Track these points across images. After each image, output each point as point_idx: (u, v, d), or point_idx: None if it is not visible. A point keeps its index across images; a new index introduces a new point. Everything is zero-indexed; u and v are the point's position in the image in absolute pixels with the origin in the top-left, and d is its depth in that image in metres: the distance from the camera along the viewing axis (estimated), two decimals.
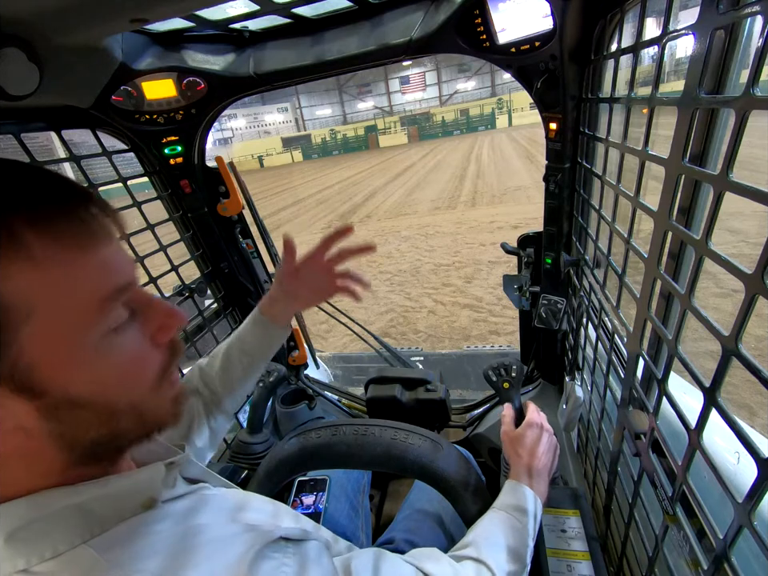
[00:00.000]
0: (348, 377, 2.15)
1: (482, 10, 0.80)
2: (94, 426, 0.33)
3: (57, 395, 0.31)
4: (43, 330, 0.29)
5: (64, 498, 0.33)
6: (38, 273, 0.29)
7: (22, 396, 0.29)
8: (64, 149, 0.91)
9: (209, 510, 0.39)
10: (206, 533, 0.36)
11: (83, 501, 0.33)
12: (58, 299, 0.30)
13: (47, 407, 0.31)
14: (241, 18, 0.88)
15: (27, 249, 0.29)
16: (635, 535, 0.75)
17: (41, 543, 0.31)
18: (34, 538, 0.31)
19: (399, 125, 34.90)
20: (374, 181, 13.70)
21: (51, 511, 0.32)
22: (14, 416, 0.30)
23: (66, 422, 0.32)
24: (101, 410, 0.33)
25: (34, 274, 0.29)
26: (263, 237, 1.33)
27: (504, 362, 0.93)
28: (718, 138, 0.50)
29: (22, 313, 0.28)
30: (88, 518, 0.33)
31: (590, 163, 0.88)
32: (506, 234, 5.86)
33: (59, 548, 0.31)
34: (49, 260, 0.30)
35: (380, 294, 4.66)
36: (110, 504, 0.35)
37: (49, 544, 0.31)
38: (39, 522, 0.31)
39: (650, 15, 0.58)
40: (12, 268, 0.28)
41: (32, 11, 0.56)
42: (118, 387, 0.34)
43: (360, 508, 1.07)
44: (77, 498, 0.33)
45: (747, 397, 2.32)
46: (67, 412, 0.31)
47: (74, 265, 0.31)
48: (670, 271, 0.60)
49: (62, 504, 0.33)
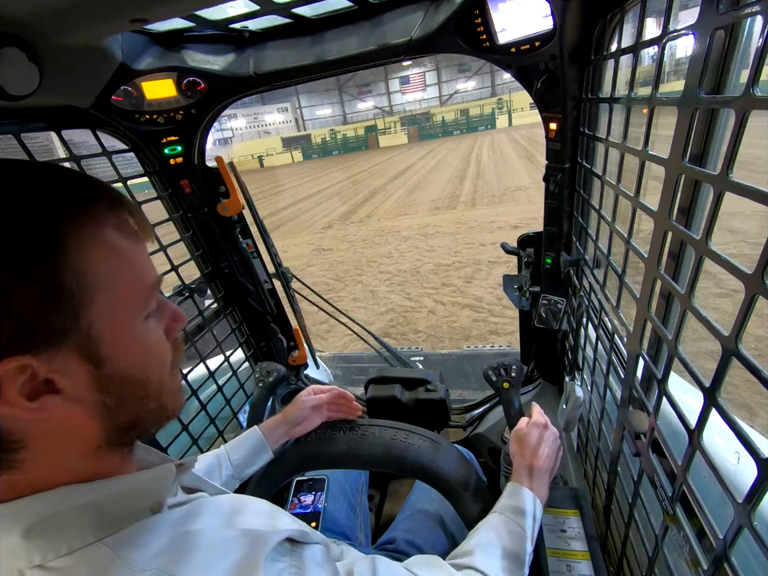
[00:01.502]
0: (348, 377, 2.15)
1: (481, 10, 0.80)
2: (132, 402, 0.37)
3: (113, 367, 0.34)
4: (110, 306, 0.34)
5: (80, 495, 0.34)
6: (113, 257, 0.34)
7: (87, 365, 0.33)
8: (64, 149, 0.90)
9: (205, 516, 0.40)
10: (202, 538, 0.36)
11: (97, 498, 0.35)
12: (123, 281, 0.35)
13: (103, 378, 0.34)
14: (241, 17, 0.88)
15: (108, 236, 0.34)
16: (635, 535, 0.75)
17: (57, 539, 0.32)
18: (50, 533, 0.32)
19: (399, 125, 34.88)
20: (373, 181, 13.70)
21: (67, 507, 0.33)
22: (77, 383, 0.33)
23: (113, 395, 0.35)
24: (139, 387, 0.37)
25: (110, 258, 0.34)
26: (263, 237, 1.33)
27: (504, 362, 0.93)
28: (718, 137, 0.50)
29: (97, 288, 0.32)
30: (102, 517, 0.34)
31: (590, 163, 0.88)
32: (506, 234, 5.86)
33: (74, 544, 0.32)
34: (121, 249, 0.35)
35: (380, 294, 4.66)
36: (121, 503, 0.36)
37: (64, 540, 0.32)
38: (56, 519, 0.32)
39: (650, 15, 0.58)
40: (97, 250, 0.33)
41: (32, 11, 0.56)
42: (153, 367, 0.38)
43: (358, 507, 1.08)
44: (92, 495, 0.35)
45: (747, 397, 2.32)
46: (116, 386, 0.35)
47: (135, 255, 0.36)
48: (670, 271, 0.60)
49: (79, 501, 0.34)
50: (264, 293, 1.37)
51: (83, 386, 0.33)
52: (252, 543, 0.37)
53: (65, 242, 0.31)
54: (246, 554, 0.35)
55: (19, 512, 0.32)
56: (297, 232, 8.22)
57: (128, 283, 0.35)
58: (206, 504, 0.42)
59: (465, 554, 0.63)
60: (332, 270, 5.69)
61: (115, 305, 0.34)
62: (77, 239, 0.32)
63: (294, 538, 0.40)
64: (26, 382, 0.30)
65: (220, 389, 1.22)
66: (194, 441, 1.11)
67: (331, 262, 6.03)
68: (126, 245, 0.35)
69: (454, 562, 0.61)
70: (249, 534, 0.38)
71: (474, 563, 0.60)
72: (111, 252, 0.34)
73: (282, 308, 1.46)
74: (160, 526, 0.36)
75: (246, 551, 0.36)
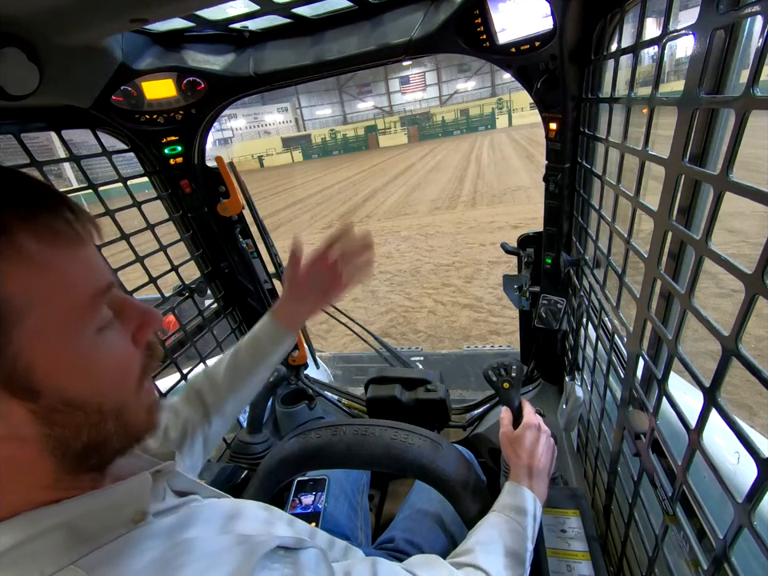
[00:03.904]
0: (348, 377, 2.15)
1: (482, 10, 0.80)
2: (85, 428, 0.33)
3: (53, 396, 0.31)
4: (40, 329, 0.29)
5: (50, 517, 0.32)
6: (33, 272, 0.29)
7: (20, 399, 0.29)
8: (64, 149, 0.90)
9: (199, 523, 0.39)
10: (196, 547, 0.35)
11: (69, 518, 0.33)
12: (52, 297, 0.30)
13: (43, 410, 0.30)
14: (241, 17, 0.88)
15: (21, 248, 0.29)
16: (635, 535, 0.75)
17: (28, 566, 0.30)
18: (21, 561, 0.30)
19: (399, 125, 34.89)
20: (373, 181, 13.70)
21: (37, 532, 0.31)
22: (11, 422, 0.29)
23: (59, 424, 0.31)
24: (92, 412, 0.33)
25: (29, 273, 0.29)
26: (263, 237, 1.33)
27: (504, 362, 0.93)
28: (718, 138, 0.50)
29: (19, 312, 0.28)
30: (75, 537, 0.32)
31: (590, 163, 0.88)
32: (506, 234, 5.86)
33: (46, 570, 0.30)
34: (43, 259, 0.30)
35: (380, 294, 4.66)
36: (98, 519, 0.34)
37: (36, 567, 0.30)
38: (26, 545, 0.30)
39: (650, 15, 0.58)
40: (8, 268, 0.28)
41: (32, 11, 0.56)
42: (108, 387, 0.34)
43: (359, 507, 1.08)
44: (62, 515, 0.32)
45: (747, 397, 2.32)
46: (61, 414, 0.31)
47: (65, 264, 0.31)
48: (670, 271, 0.60)
49: (49, 524, 0.32)
50: (264, 293, 1.37)
51: (20, 422, 0.30)
52: (245, 552, 0.35)
53: None
54: (239, 562, 0.34)
55: None
56: (296, 232, 8.21)
57: (59, 298, 0.30)
58: (198, 510, 0.41)
59: (465, 552, 0.62)
60: None
61: (46, 326, 0.29)
62: None
63: (287, 546, 0.39)
64: None
65: None
66: None
67: None
68: (50, 254, 0.30)
69: (454, 561, 0.61)
70: (243, 543, 0.37)
71: (474, 561, 0.60)
72: (28, 266, 0.29)
73: None
74: (148, 538, 0.35)
75: (239, 560, 0.34)
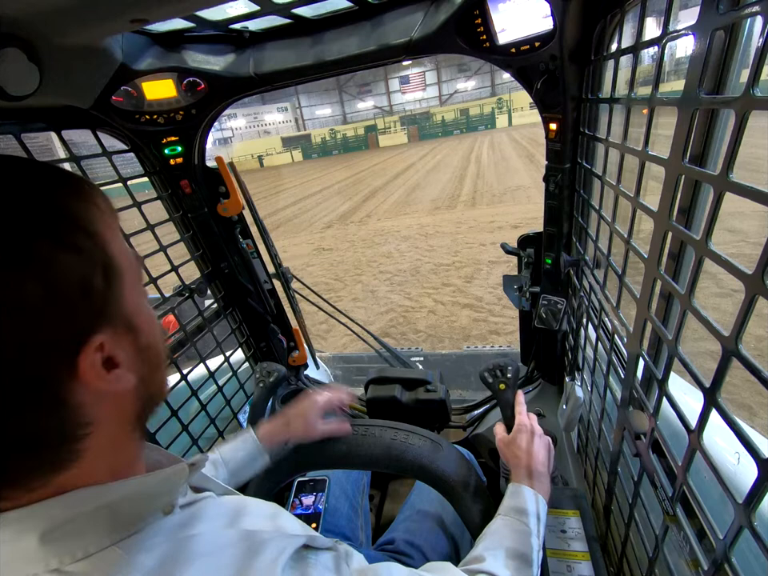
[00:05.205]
0: (348, 377, 2.15)
1: (481, 11, 0.80)
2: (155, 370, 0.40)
3: (144, 335, 0.38)
4: (129, 283, 0.37)
5: (96, 498, 0.34)
6: (118, 239, 0.37)
7: (131, 336, 0.36)
8: (64, 149, 0.90)
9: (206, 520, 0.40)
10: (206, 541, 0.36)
11: (113, 500, 0.35)
12: (128, 259, 0.38)
13: (141, 345, 0.37)
14: (241, 18, 0.88)
15: (111, 220, 0.37)
16: (635, 536, 0.75)
17: (73, 543, 0.32)
18: (67, 537, 0.32)
19: (399, 124, 34.86)
20: (373, 180, 13.70)
21: (83, 511, 0.33)
22: (129, 353, 0.36)
23: (146, 362, 0.38)
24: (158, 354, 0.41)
25: (118, 240, 0.37)
26: (263, 237, 1.33)
27: (500, 363, 0.92)
28: (718, 138, 0.50)
29: (121, 270, 0.36)
30: (117, 519, 0.34)
31: (590, 163, 0.88)
32: (506, 234, 5.87)
33: (89, 548, 0.32)
34: (118, 230, 0.38)
35: (380, 294, 4.66)
36: (136, 506, 0.36)
37: (81, 544, 0.32)
38: (72, 523, 0.33)
39: (650, 15, 0.58)
40: (110, 235, 0.36)
41: (32, 11, 0.56)
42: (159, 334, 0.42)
43: (359, 508, 1.08)
44: (107, 497, 0.35)
45: (747, 397, 2.32)
46: (146, 352, 0.38)
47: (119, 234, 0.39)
48: (670, 271, 0.60)
49: (94, 504, 0.34)
50: (264, 293, 1.37)
51: (132, 356, 0.36)
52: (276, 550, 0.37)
53: (97, 230, 0.34)
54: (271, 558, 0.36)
55: (37, 516, 0.32)
56: (297, 232, 8.22)
57: (130, 259, 0.39)
58: (210, 505, 0.42)
59: (475, 559, 0.63)
60: (332, 270, 5.69)
61: (131, 279, 0.38)
62: (97, 225, 0.35)
63: (308, 544, 0.41)
64: (102, 359, 0.33)
65: (220, 389, 1.22)
66: (194, 441, 1.11)
67: (331, 262, 6.03)
68: (117, 227, 0.39)
69: (468, 568, 0.62)
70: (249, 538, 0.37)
71: (484, 568, 0.61)
72: (115, 233, 0.37)
73: (282, 308, 1.46)
74: (166, 530, 0.36)
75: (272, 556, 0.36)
